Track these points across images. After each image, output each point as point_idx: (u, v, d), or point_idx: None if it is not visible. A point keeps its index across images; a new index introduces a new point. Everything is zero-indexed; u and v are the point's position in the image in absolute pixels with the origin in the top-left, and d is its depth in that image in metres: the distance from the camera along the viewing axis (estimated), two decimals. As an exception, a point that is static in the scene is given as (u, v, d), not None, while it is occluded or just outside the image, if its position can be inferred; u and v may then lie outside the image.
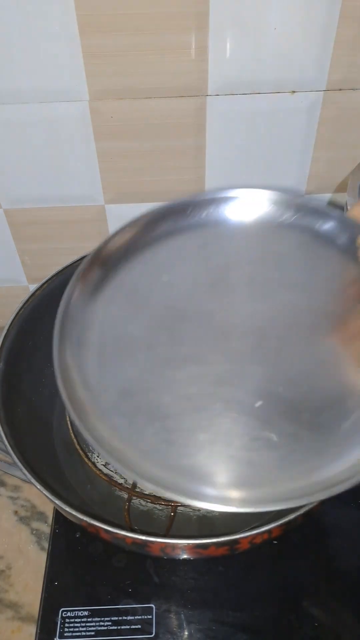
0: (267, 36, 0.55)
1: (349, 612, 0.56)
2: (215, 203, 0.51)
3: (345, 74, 0.58)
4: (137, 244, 0.50)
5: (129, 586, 0.56)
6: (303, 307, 0.47)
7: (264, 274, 0.49)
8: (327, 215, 0.51)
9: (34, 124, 0.60)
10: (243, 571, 0.58)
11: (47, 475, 0.50)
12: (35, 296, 0.61)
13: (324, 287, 0.49)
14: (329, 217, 0.51)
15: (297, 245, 0.51)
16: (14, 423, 0.53)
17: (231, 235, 0.51)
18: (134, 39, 0.54)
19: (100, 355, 0.46)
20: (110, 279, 0.49)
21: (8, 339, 0.58)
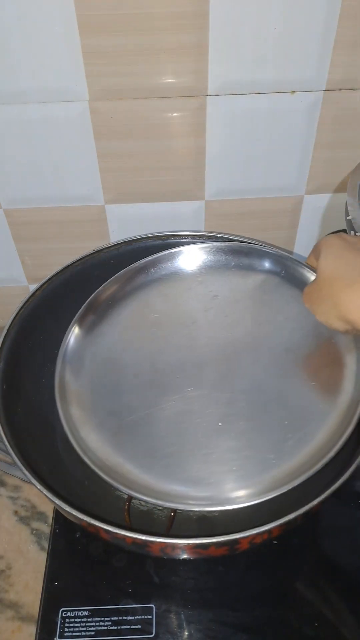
0: (267, 36, 0.55)
1: (349, 612, 0.56)
2: (172, 257, 0.63)
3: (345, 74, 0.58)
4: (122, 293, 0.62)
5: (129, 586, 0.56)
6: (266, 341, 0.56)
7: (232, 312, 0.59)
8: (263, 255, 0.61)
9: (34, 124, 0.60)
10: (243, 571, 0.58)
11: (47, 475, 0.50)
12: (35, 296, 0.61)
13: (285, 322, 0.57)
14: (266, 256, 0.61)
15: (252, 285, 0.61)
16: (14, 423, 0.53)
17: (191, 281, 0.62)
18: (134, 39, 0.55)
19: (93, 379, 0.56)
20: (102, 320, 0.60)
21: (8, 339, 0.58)
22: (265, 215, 0.71)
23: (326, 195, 0.70)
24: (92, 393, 0.55)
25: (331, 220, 0.72)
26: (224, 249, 0.62)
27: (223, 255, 0.62)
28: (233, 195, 0.69)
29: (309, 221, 0.73)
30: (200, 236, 0.66)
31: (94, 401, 0.54)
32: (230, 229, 0.71)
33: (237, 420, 0.52)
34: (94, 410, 0.53)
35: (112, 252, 0.65)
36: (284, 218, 0.72)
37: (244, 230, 0.72)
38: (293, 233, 0.74)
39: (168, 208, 0.69)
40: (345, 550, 0.59)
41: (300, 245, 0.76)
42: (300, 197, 0.70)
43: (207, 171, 0.66)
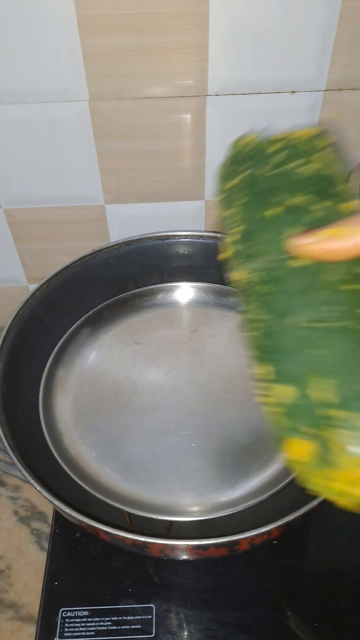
0: (267, 36, 0.55)
1: (349, 612, 0.56)
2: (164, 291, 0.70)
3: (345, 74, 0.58)
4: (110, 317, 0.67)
5: (129, 586, 0.56)
6: (238, 372, 0.62)
7: (209, 345, 0.65)
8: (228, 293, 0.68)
9: (34, 124, 0.60)
10: (243, 571, 0.58)
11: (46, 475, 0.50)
12: (35, 296, 0.61)
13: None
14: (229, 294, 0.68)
15: (230, 322, 0.67)
16: (13, 423, 0.53)
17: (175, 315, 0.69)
18: (134, 39, 0.54)
19: (77, 396, 0.59)
20: (89, 341, 0.64)
21: (8, 339, 0.58)
22: (266, 215, 0.71)
23: (326, 195, 0.69)
24: (74, 409, 0.58)
25: (331, 220, 0.72)
26: (208, 289, 0.70)
27: (207, 295, 0.70)
28: (233, 195, 0.69)
29: (309, 221, 0.72)
30: (200, 236, 0.66)
31: (75, 416, 0.58)
32: (230, 229, 0.71)
33: (210, 442, 0.56)
34: (75, 424, 0.57)
35: (112, 252, 0.65)
36: (284, 218, 0.72)
37: (244, 230, 0.72)
38: (293, 233, 0.74)
39: (168, 208, 0.69)
40: (345, 550, 0.59)
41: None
42: (300, 197, 0.70)
43: (207, 171, 0.66)
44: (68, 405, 0.58)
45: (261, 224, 0.39)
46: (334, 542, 0.60)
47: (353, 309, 0.33)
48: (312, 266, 0.35)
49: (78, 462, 0.54)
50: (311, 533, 0.60)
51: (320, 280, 0.34)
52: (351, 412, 0.31)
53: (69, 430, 0.56)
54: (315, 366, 0.32)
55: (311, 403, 0.32)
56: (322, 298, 0.34)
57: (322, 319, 0.33)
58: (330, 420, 0.31)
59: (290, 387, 0.33)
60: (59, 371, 0.60)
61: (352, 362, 0.32)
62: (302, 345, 0.33)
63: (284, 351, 0.34)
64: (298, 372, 0.33)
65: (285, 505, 0.48)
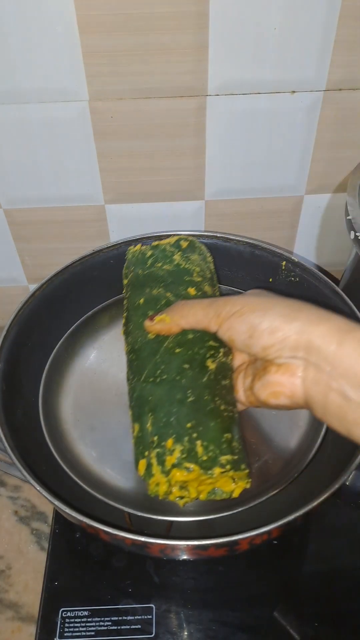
0: (267, 36, 0.55)
1: (349, 613, 0.56)
2: None
3: (345, 74, 0.58)
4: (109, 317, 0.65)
5: (129, 586, 0.56)
6: None
7: None
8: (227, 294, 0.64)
9: (34, 124, 0.60)
10: (243, 571, 0.58)
11: (46, 475, 0.50)
12: (35, 296, 0.61)
13: None
14: None
15: None
16: (13, 423, 0.53)
17: None
18: (134, 39, 0.54)
19: (77, 396, 0.59)
20: (89, 340, 0.63)
21: (8, 339, 0.58)
22: (265, 215, 0.71)
23: (326, 195, 0.70)
24: (74, 409, 0.58)
25: (331, 220, 0.72)
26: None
27: None
28: (233, 195, 0.69)
29: (309, 221, 0.73)
30: (200, 236, 0.66)
31: (75, 416, 0.57)
32: (230, 229, 0.71)
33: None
34: (75, 424, 0.56)
35: (112, 252, 0.65)
36: (284, 218, 0.72)
37: (244, 230, 0.72)
38: (293, 233, 0.74)
39: (168, 208, 0.69)
40: (345, 550, 0.60)
41: (300, 245, 0.76)
42: (300, 197, 0.70)
43: (207, 171, 0.66)
44: (68, 405, 0.58)
45: (134, 310, 0.53)
46: (334, 542, 0.60)
47: (180, 365, 0.47)
48: (158, 338, 0.49)
49: (78, 462, 0.53)
50: (311, 533, 0.60)
51: (162, 347, 0.49)
52: (159, 436, 0.44)
53: (69, 430, 0.56)
54: (149, 407, 0.46)
55: (145, 434, 0.46)
56: (160, 359, 0.48)
57: (157, 375, 0.47)
58: (151, 444, 0.44)
59: (137, 424, 0.47)
60: (59, 371, 0.60)
61: (165, 401, 0.46)
62: (145, 394, 0.47)
63: (136, 399, 0.48)
64: (141, 412, 0.47)
65: (285, 505, 0.48)
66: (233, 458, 0.43)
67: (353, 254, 0.61)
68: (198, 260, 0.57)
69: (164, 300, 0.52)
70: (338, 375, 0.37)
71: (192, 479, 0.44)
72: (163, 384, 0.47)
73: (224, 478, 0.44)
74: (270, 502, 0.49)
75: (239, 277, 0.68)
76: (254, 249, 0.65)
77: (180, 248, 0.58)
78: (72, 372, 0.60)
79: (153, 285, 0.54)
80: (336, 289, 0.59)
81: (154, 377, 0.47)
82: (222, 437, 0.44)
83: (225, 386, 0.47)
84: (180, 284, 0.54)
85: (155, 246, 0.58)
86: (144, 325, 0.50)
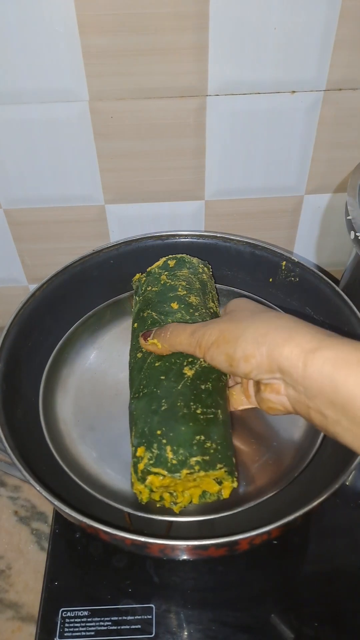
0: (267, 36, 0.55)
1: (349, 612, 0.56)
2: None
3: (345, 74, 0.58)
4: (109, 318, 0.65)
5: (129, 586, 0.56)
6: None
7: None
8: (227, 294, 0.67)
9: (34, 124, 0.60)
10: (243, 571, 0.58)
11: (46, 475, 0.50)
12: (35, 296, 0.61)
13: None
14: None
15: None
16: (13, 423, 0.53)
17: None
18: (134, 39, 0.54)
19: (77, 397, 0.59)
20: (89, 341, 0.63)
21: (8, 339, 0.58)
22: (265, 215, 0.71)
23: (326, 195, 0.70)
24: (74, 409, 0.58)
25: (331, 220, 0.72)
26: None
27: None
28: (233, 195, 0.69)
29: (309, 221, 0.73)
30: (200, 236, 0.66)
31: (75, 416, 0.57)
32: (230, 229, 0.71)
33: None
34: (75, 424, 0.57)
35: (112, 252, 0.65)
36: (284, 218, 0.72)
37: (244, 230, 0.72)
38: (293, 233, 0.74)
39: (168, 208, 0.69)
40: (345, 550, 0.59)
41: (300, 245, 0.76)
42: (300, 197, 0.70)
43: (207, 171, 0.66)
44: (68, 405, 0.58)
45: (132, 334, 0.57)
46: (334, 542, 0.60)
47: (158, 377, 0.50)
48: (144, 355, 0.52)
49: (78, 462, 0.53)
50: (311, 533, 0.60)
51: (145, 364, 0.52)
52: (135, 447, 0.46)
53: (69, 430, 0.56)
54: (133, 422, 0.49)
55: (131, 447, 0.48)
56: (143, 375, 0.51)
57: (140, 390, 0.50)
58: (132, 455, 0.47)
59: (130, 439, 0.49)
60: (59, 371, 0.60)
61: (142, 414, 0.48)
62: (132, 409, 0.50)
63: (129, 415, 0.51)
64: (130, 428, 0.50)
65: (285, 505, 0.48)
66: (204, 459, 0.45)
67: (353, 254, 0.61)
68: (186, 274, 0.59)
69: (150, 320, 0.55)
70: (311, 395, 0.37)
71: (168, 483, 0.45)
72: (144, 398, 0.49)
73: (206, 480, 0.45)
74: (270, 502, 0.49)
75: (239, 277, 0.68)
76: (254, 249, 0.65)
77: (168, 267, 0.60)
78: (72, 372, 0.60)
79: (144, 308, 0.57)
80: (336, 289, 0.59)
81: (138, 392, 0.50)
82: (194, 439, 0.46)
83: (206, 389, 0.49)
84: (164, 301, 0.56)
85: (149, 272, 0.61)
86: (139, 342, 0.53)
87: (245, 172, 0.66)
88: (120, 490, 0.52)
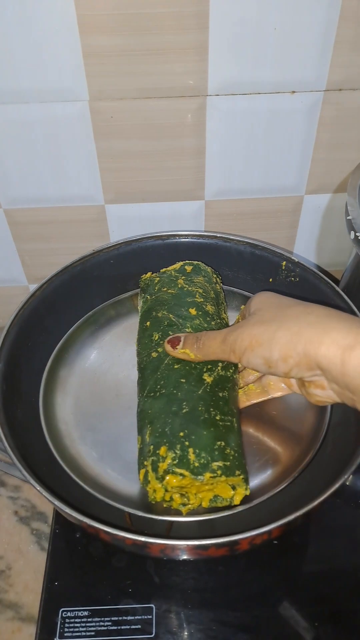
0: (267, 36, 0.55)
1: (349, 612, 0.56)
2: None
3: (345, 74, 0.58)
4: (110, 317, 0.65)
5: (129, 586, 0.56)
6: None
7: None
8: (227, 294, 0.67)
9: (34, 124, 0.60)
10: (243, 571, 0.58)
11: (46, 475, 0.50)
12: (35, 296, 0.61)
13: None
14: None
15: None
16: (13, 423, 0.53)
17: None
18: (134, 39, 0.54)
19: (78, 397, 0.59)
20: (89, 341, 0.63)
21: (8, 339, 0.58)
22: (265, 215, 0.71)
23: (326, 195, 0.70)
24: (74, 409, 0.58)
25: (331, 220, 0.72)
26: None
27: None
28: (233, 195, 0.69)
29: (309, 221, 0.73)
30: (200, 236, 0.66)
31: (76, 416, 0.57)
32: (230, 229, 0.71)
33: None
34: (75, 424, 0.57)
35: (112, 252, 0.65)
36: (284, 218, 0.72)
37: (244, 230, 0.72)
38: (293, 233, 0.74)
39: (168, 208, 0.69)
40: (345, 550, 0.59)
41: (300, 245, 0.76)
42: (300, 197, 0.70)
43: (207, 171, 0.66)
44: (68, 405, 0.58)
45: (142, 332, 0.57)
46: (334, 542, 0.60)
47: (177, 379, 0.50)
48: (160, 356, 0.52)
49: (78, 462, 0.53)
50: (311, 533, 0.60)
51: (162, 364, 0.52)
52: (154, 445, 0.47)
53: (69, 430, 0.56)
54: (149, 420, 0.49)
55: (145, 445, 0.48)
56: (160, 375, 0.51)
57: (157, 389, 0.50)
58: (148, 453, 0.47)
59: (139, 437, 0.49)
60: (60, 371, 0.60)
61: (162, 413, 0.48)
62: (146, 407, 0.50)
63: (139, 413, 0.51)
64: (142, 425, 0.49)
65: (285, 505, 0.48)
66: (225, 464, 0.45)
67: (353, 254, 0.61)
68: (202, 282, 0.60)
69: (166, 321, 0.55)
70: (353, 390, 0.38)
71: (186, 484, 0.45)
72: (161, 398, 0.50)
73: (221, 484, 0.46)
74: (270, 502, 0.49)
75: (239, 277, 0.68)
76: (254, 249, 0.65)
77: (185, 272, 0.61)
78: (72, 372, 0.60)
79: (158, 308, 0.57)
80: (336, 288, 0.59)
81: (154, 391, 0.50)
82: (215, 444, 0.46)
83: (223, 397, 0.50)
84: (182, 305, 0.57)
85: (162, 272, 0.62)
86: (165, 348, 0.53)
87: (245, 172, 0.66)
88: (121, 490, 0.51)
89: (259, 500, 0.48)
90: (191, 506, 0.47)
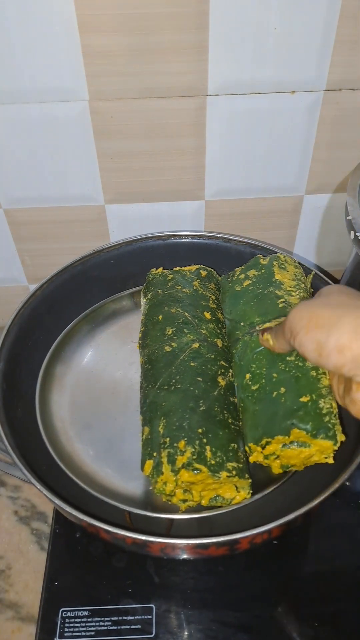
0: (267, 36, 0.55)
1: (349, 612, 0.55)
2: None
3: (345, 74, 0.58)
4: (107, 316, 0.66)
5: (129, 586, 0.56)
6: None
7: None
8: None
9: (35, 124, 0.60)
10: (243, 571, 0.58)
11: (46, 475, 0.50)
12: (35, 296, 0.61)
13: None
14: None
15: None
16: (13, 423, 0.53)
17: None
18: (134, 39, 0.55)
19: (74, 395, 0.59)
20: (86, 340, 0.64)
21: (8, 339, 0.58)
22: (265, 215, 0.71)
23: (326, 195, 0.70)
24: (71, 407, 0.58)
25: (331, 220, 0.73)
26: None
27: None
28: (233, 195, 0.69)
29: (309, 221, 0.73)
30: (200, 236, 0.66)
31: (72, 415, 0.57)
32: (230, 229, 0.71)
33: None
34: (72, 422, 0.57)
35: (112, 252, 0.65)
36: (284, 218, 0.72)
37: (244, 230, 0.72)
38: (293, 233, 0.74)
39: (168, 208, 0.69)
40: (345, 550, 0.59)
41: (300, 245, 0.76)
42: (300, 197, 0.70)
43: (207, 171, 0.66)
44: (65, 403, 0.58)
45: (152, 325, 0.56)
46: (334, 542, 0.60)
47: (194, 377, 0.50)
48: (174, 351, 0.53)
49: (75, 460, 0.54)
50: (311, 533, 0.60)
51: (177, 359, 0.52)
52: (171, 438, 0.47)
53: (65, 428, 0.56)
54: (162, 412, 0.49)
55: (156, 436, 0.48)
56: (175, 370, 0.51)
57: (172, 383, 0.51)
58: (162, 445, 0.47)
59: (147, 427, 0.49)
60: (56, 369, 0.60)
61: (179, 407, 0.48)
62: (159, 400, 0.50)
63: (149, 404, 0.51)
64: (152, 416, 0.50)
65: (285, 504, 0.48)
66: (239, 466, 0.46)
67: (353, 254, 0.61)
68: (214, 289, 0.61)
69: (181, 318, 0.56)
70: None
71: (198, 480, 0.45)
72: (177, 392, 0.50)
73: (227, 484, 0.47)
74: (270, 501, 0.49)
75: (239, 277, 0.68)
76: (254, 249, 0.65)
77: (200, 276, 0.61)
78: (68, 370, 0.61)
79: (172, 304, 0.57)
80: (336, 288, 0.59)
81: (168, 385, 0.51)
82: (230, 445, 0.47)
83: (233, 402, 0.51)
84: (197, 306, 0.57)
85: (177, 271, 0.62)
86: (258, 339, 0.51)
87: (245, 172, 0.66)
88: (119, 488, 0.52)
89: (258, 496, 0.48)
90: (191, 503, 0.47)
